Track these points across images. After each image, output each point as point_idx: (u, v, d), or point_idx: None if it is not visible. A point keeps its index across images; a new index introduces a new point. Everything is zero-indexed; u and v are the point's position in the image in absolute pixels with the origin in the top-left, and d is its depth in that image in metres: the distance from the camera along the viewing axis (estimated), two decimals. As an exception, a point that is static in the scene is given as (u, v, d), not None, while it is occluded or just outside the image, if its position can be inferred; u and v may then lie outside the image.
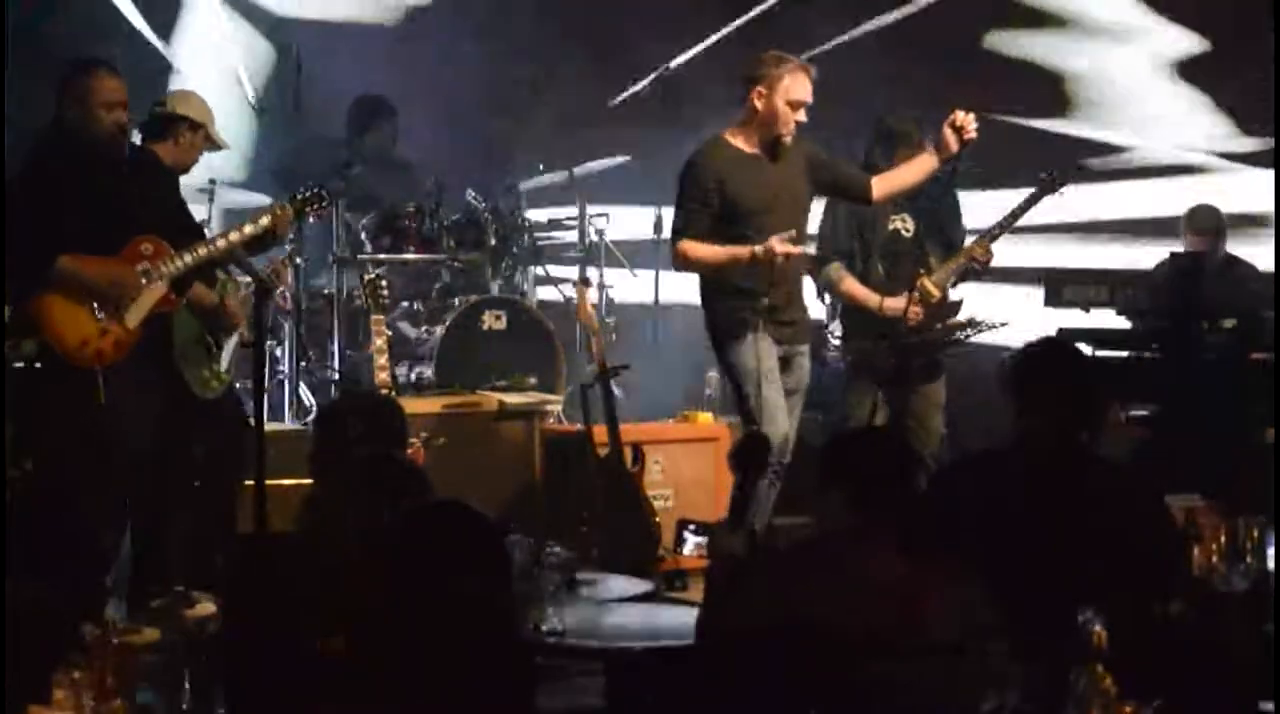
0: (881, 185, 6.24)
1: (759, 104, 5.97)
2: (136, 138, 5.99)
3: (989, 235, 6.59)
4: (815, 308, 6.72)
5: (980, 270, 6.65)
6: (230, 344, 6.10)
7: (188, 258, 5.62)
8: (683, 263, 6.03)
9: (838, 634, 3.38)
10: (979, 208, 7.08)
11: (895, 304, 6.46)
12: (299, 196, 6.08)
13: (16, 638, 3.66)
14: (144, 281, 5.53)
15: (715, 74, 8.03)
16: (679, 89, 8.37)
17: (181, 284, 5.67)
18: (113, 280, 5.50)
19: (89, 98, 5.53)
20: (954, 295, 6.61)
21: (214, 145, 6.29)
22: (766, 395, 5.89)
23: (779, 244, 5.75)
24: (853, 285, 6.58)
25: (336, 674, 3.36)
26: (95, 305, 5.48)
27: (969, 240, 6.74)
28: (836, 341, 6.76)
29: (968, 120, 6.02)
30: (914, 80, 8.21)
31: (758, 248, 5.79)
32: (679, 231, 5.99)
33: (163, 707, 4.37)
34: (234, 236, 5.70)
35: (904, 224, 6.67)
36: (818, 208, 6.55)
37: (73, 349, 5.45)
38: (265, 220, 5.76)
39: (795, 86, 5.94)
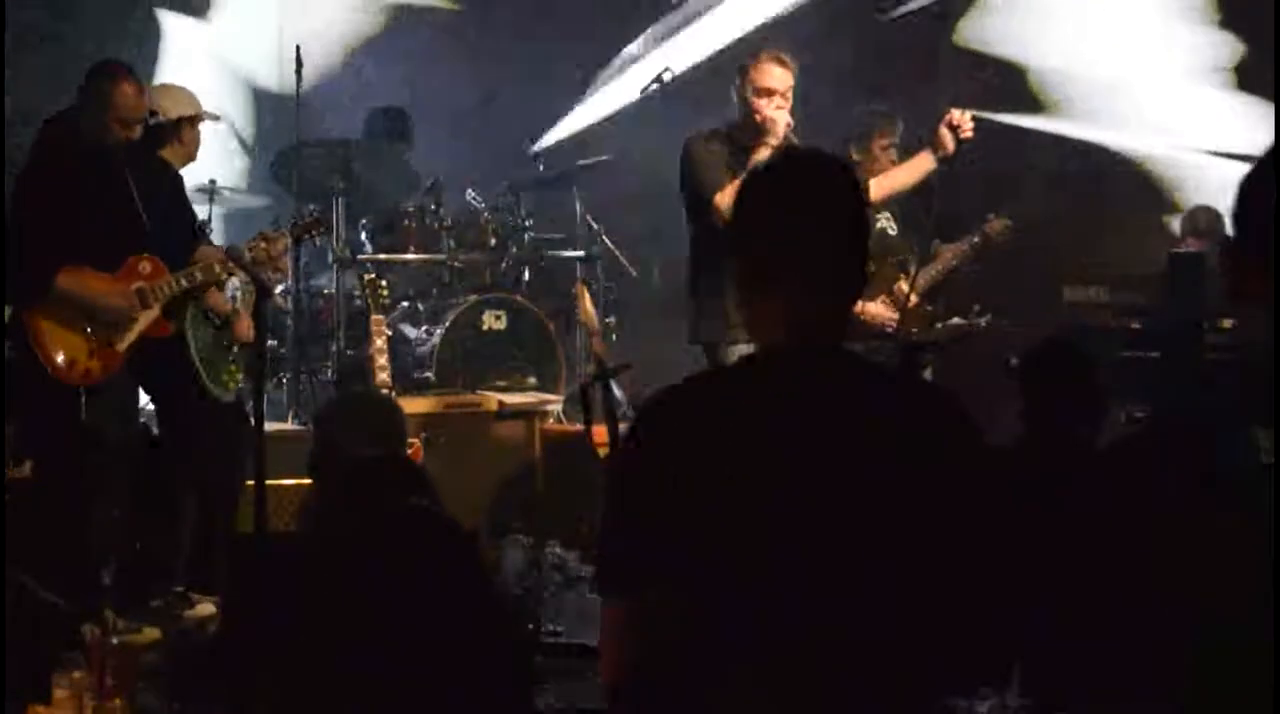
0: (879, 187, 6.16)
1: (737, 96, 5.97)
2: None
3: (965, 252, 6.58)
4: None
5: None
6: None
7: (184, 282, 5.58)
8: (726, 214, 5.86)
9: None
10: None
11: (874, 310, 6.39)
12: (297, 223, 6.03)
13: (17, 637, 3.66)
14: (139, 305, 5.49)
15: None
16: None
17: (174, 306, 5.63)
18: (110, 304, 5.45)
19: (108, 107, 5.45)
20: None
21: (212, 117, 6.23)
22: None
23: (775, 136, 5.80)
24: None
25: (335, 674, 3.36)
26: (89, 327, 5.44)
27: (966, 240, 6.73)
28: None
29: (964, 119, 5.92)
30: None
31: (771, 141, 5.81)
32: (709, 194, 5.83)
33: (163, 707, 4.39)
34: (231, 263, 5.59)
35: (889, 224, 6.59)
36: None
37: (61, 368, 5.39)
38: (263, 245, 5.69)
39: (761, 74, 5.90)
